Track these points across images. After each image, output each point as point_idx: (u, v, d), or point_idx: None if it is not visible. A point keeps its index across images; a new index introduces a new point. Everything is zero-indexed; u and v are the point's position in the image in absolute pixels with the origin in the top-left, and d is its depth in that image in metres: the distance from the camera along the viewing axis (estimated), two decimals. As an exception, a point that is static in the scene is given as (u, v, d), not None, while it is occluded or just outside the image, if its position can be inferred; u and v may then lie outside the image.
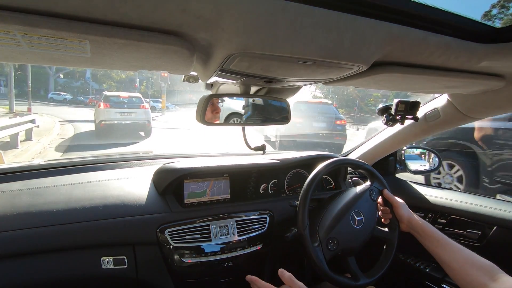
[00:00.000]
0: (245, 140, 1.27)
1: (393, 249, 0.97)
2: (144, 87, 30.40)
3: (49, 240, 0.84)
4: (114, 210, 0.93)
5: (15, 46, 0.45)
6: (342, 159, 1.08)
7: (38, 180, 1.00)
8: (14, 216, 0.83)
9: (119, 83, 31.75)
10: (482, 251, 1.09)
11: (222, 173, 1.15)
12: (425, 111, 1.13)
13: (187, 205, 1.06)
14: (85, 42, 0.43)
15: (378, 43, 0.50)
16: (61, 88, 30.01)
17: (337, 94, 28.91)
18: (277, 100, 1.04)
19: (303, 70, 0.61)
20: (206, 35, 0.46)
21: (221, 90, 1.10)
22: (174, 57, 0.53)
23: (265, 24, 0.42)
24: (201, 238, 1.00)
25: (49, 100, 23.66)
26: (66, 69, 28.50)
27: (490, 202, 1.13)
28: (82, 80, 32.70)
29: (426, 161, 1.47)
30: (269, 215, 1.14)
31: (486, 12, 20.67)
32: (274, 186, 1.27)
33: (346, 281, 0.88)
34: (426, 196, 1.29)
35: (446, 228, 1.20)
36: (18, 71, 25.18)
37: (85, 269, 0.89)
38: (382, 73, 0.63)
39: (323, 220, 0.94)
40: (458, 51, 0.56)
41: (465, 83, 0.75)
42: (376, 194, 1.02)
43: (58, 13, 0.37)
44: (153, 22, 0.41)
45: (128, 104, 9.02)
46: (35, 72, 26.74)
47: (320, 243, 0.89)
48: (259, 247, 1.10)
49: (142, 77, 29.77)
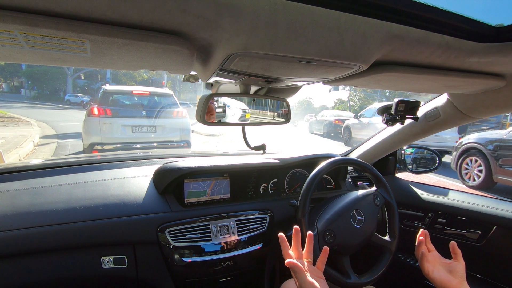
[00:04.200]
0: (245, 140, 1.27)
1: (390, 257, 0.98)
2: (170, 86, 23.25)
3: (49, 240, 0.84)
4: (114, 210, 0.93)
5: (15, 46, 0.45)
6: (352, 160, 1.09)
7: (38, 180, 1.00)
8: (14, 216, 0.83)
9: (141, 83, 26.62)
10: (482, 251, 1.09)
11: (222, 173, 1.15)
12: (425, 111, 1.13)
13: (187, 204, 1.06)
14: (85, 42, 0.43)
15: (378, 42, 0.50)
16: (80, 90, 28.66)
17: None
18: (277, 99, 1.04)
19: (303, 69, 0.61)
20: (206, 34, 0.46)
21: (221, 90, 1.10)
22: (174, 57, 0.53)
23: (265, 24, 0.42)
24: (201, 237, 1.00)
25: (65, 102, 22.90)
26: (85, 69, 26.46)
27: (490, 202, 1.13)
28: (103, 81, 30.03)
29: (426, 160, 1.47)
30: (269, 215, 1.14)
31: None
32: (274, 186, 1.27)
33: (337, 275, 0.89)
34: (426, 195, 1.29)
35: (446, 228, 1.20)
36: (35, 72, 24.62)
37: (85, 269, 0.89)
38: (382, 73, 0.63)
39: (323, 214, 0.96)
40: (458, 50, 0.56)
41: (465, 83, 0.75)
42: (380, 200, 1.03)
43: (58, 13, 0.37)
44: (153, 21, 0.41)
45: (148, 108, 4.91)
46: (53, 72, 26.11)
47: (317, 233, 0.90)
48: (259, 246, 1.10)
49: (169, 76, 23.84)
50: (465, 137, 5.03)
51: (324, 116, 13.04)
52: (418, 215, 1.29)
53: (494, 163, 4.25)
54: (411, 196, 1.32)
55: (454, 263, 0.75)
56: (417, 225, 1.29)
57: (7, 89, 29.91)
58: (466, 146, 4.75)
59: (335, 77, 0.71)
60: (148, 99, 5.17)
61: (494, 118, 7.94)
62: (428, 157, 1.47)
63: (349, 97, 31.30)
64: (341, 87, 23.37)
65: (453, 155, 4.97)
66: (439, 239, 1.21)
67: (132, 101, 5.16)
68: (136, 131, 4.63)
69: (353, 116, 10.13)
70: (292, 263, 0.66)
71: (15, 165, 1.11)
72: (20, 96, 27.34)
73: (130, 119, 4.66)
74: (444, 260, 0.77)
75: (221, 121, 1.00)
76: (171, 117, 5.00)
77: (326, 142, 10.86)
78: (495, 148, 4.28)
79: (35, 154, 5.84)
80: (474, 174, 4.61)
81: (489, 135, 4.57)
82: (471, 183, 4.64)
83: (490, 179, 4.35)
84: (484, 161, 4.42)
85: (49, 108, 19.01)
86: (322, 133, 12.45)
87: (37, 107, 18.90)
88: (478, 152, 4.53)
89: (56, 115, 14.37)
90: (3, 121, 9.91)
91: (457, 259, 0.75)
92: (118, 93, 5.09)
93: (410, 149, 1.49)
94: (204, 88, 1.12)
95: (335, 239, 0.91)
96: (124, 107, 4.94)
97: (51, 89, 28.32)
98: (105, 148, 4.50)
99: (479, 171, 4.51)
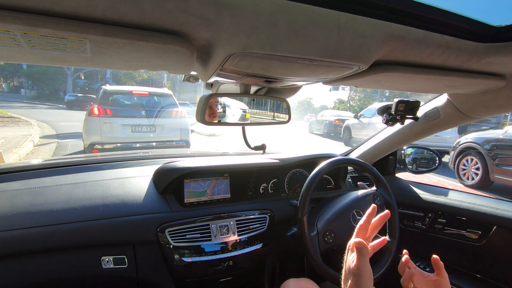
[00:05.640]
0: (245, 140, 1.27)
1: (390, 257, 0.98)
2: (170, 87, 23.52)
3: (49, 240, 0.84)
4: (114, 210, 0.93)
5: (15, 46, 0.45)
6: (352, 160, 1.10)
7: (38, 180, 1.00)
8: (14, 216, 0.83)
9: (141, 83, 26.47)
10: (482, 251, 1.09)
11: (222, 173, 1.15)
12: (425, 111, 1.13)
13: (187, 204, 1.06)
14: (85, 42, 0.43)
15: (378, 42, 0.50)
16: (80, 90, 28.28)
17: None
18: (277, 99, 1.04)
19: (303, 69, 0.61)
20: (206, 35, 0.46)
21: (221, 90, 1.10)
22: (174, 57, 0.53)
23: (265, 24, 0.42)
24: (201, 237, 1.00)
25: (65, 102, 23.02)
26: (85, 69, 26.18)
27: (490, 202, 1.13)
28: (103, 81, 29.80)
29: (426, 160, 1.47)
30: (269, 215, 1.14)
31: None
32: (274, 186, 1.27)
33: (336, 274, 0.89)
34: (426, 195, 1.29)
35: (446, 228, 1.20)
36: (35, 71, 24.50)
37: (85, 269, 0.89)
38: (382, 73, 0.63)
39: (323, 214, 0.96)
40: (458, 50, 0.56)
41: (465, 83, 0.75)
42: (380, 200, 1.03)
43: (58, 13, 0.37)
44: (153, 21, 0.41)
45: (147, 108, 5.00)
46: (53, 72, 26.03)
47: (317, 233, 0.90)
48: (259, 246, 1.10)
49: (168, 76, 23.73)
50: (463, 136, 5.05)
51: (324, 116, 13.03)
52: (418, 215, 1.29)
53: (491, 162, 4.27)
54: (411, 196, 1.33)
55: (439, 280, 0.69)
56: (417, 225, 1.29)
57: (7, 89, 29.91)
58: (463, 145, 4.77)
59: (335, 77, 0.71)
60: (148, 99, 5.22)
61: (494, 118, 7.94)
62: (428, 157, 1.47)
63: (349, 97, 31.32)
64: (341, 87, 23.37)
65: (451, 154, 5.00)
66: (439, 239, 1.21)
67: (131, 101, 5.20)
68: (136, 130, 4.69)
69: (353, 116, 10.13)
70: (362, 244, 0.59)
71: (15, 165, 1.11)
72: (20, 96, 27.30)
73: (129, 118, 4.71)
74: (429, 277, 0.71)
75: (221, 121, 1.00)
76: (170, 117, 5.04)
77: (326, 142, 10.86)
78: (492, 147, 4.30)
79: (35, 154, 5.83)
80: (472, 173, 4.62)
81: (486, 135, 4.59)
82: (468, 182, 4.66)
83: (487, 178, 4.37)
84: (481, 161, 4.44)
85: (49, 108, 18.96)
86: (322, 133, 12.44)
87: (37, 107, 18.88)
88: (475, 151, 4.55)
89: (56, 115, 14.34)
90: (3, 121, 9.89)
91: (441, 274, 0.70)
92: (118, 93, 5.13)
93: (410, 149, 1.49)
94: (204, 88, 1.12)
95: (335, 239, 0.91)
96: (124, 107, 5.00)
97: (51, 89, 28.27)
98: (105, 147, 4.54)
99: (476, 169, 4.53)
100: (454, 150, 4.93)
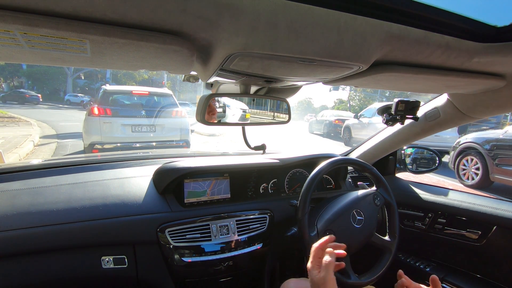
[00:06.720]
0: (245, 140, 1.27)
1: (390, 257, 0.98)
2: (170, 87, 23.48)
3: (49, 240, 0.84)
4: (114, 210, 0.93)
5: (15, 46, 0.45)
6: (352, 160, 1.10)
7: (38, 180, 1.00)
8: (14, 216, 0.83)
9: (141, 83, 26.38)
10: (482, 251, 1.09)
11: (222, 173, 1.15)
12: (425, 111, 1.13)
13: (187, 204, 1.06)
14: (85, 42, 0.43)
15: (378, 42, 0.50)
16: (80, 90, 28.45)
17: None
18: (277, 99, 1.04)
19: (303, 69, 0.61)
20: (206, 35, 0.46)
21: (221, 90, 1.10)
22: (174, 57, 0.53)
23: (265, 24, 0.42)
24: (201, 237, 1.00)
25: (65, 102, 22.77)
26: (85, 69, 26.18)
27: (490, 201, 1.13)
28: (103, 81, 29.67)
29: (426, 160, 1.47)
30: (269, 215, 1.14)
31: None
32: (274, 186, 1.27)
33: (337, 275, 0.89)
34: (426, 195, 1.29)
35: (446, 228, 1.20)
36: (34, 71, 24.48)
37: (85, 269, 0.89)
38: (382, 73, 0.63)
39: (323, 214, 0.96)
40: (458, 50, 0.56)
41: (465, 83, 0.75)
42: (380, 200, 1.03)
43: (58, 13, 0.37)
44: (153, 21, 0.41)
45: (147, 108, 4.96)
46: (53, 72, 25.99)
47: (317, 233, 0.90)
48: (259, 246, 1.10)
49: (168, 76, 23.71)
50: (463, 137, 5.05)
51: (324, 116, 13.03)
52: (418, 215, 1.29)
53: (491, 162, 4.27)
54: (411, 196, 1.32)
55: None
56: (417, 225, 1.29)
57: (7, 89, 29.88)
58: (463, 145, 4.77)
59: (335, 77, 0.71)
60: (148, 99, 5.22)
61: (494, 118, 7.94)
62: (428, 157, 1.47)
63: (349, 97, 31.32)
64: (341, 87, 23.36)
65: (451, 154, 5.00)
66: (439, 239, 1.21)
67: (131, 101, 5.20)
68: (136, 130, 4.69)
69: (353, 116, 10.12)
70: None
71: (15, 165, 1.11)
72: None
73: (129, 118, 4.71)
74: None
75: (221, 121, 1.00)
76: (170, 116, 5.04)
77: (326, 142, 10.85)
78: (491, 147, 4.30)
79: (35, 154, 5.82)
80: (472, 173, 4.62)
81: (486, 135, 4.59)
82: (468, 182, 4.66)
83: (487, 178, 4.37)
84: (481, 161, 4.44)
85: (49, 108, 18.95)
86: (322, 133, 12.44)
87: (37, 107, 18.91)
88: (475, 151, 4.54)
89: (56, 115, 14.31)
90: (3, 121, 9.88)
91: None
92: (118, 93, 5.14)
93: (410, 149, 1.49)
94: (204, 88, 1.12)
95: (335, 239, 0.91)
96: (124, 106, 5.00)
97: (51, 89, 28.24)
98: (105, 147, 4.55)
99: (476, 169, 4.53)
100: (454, 150, 4.93)
